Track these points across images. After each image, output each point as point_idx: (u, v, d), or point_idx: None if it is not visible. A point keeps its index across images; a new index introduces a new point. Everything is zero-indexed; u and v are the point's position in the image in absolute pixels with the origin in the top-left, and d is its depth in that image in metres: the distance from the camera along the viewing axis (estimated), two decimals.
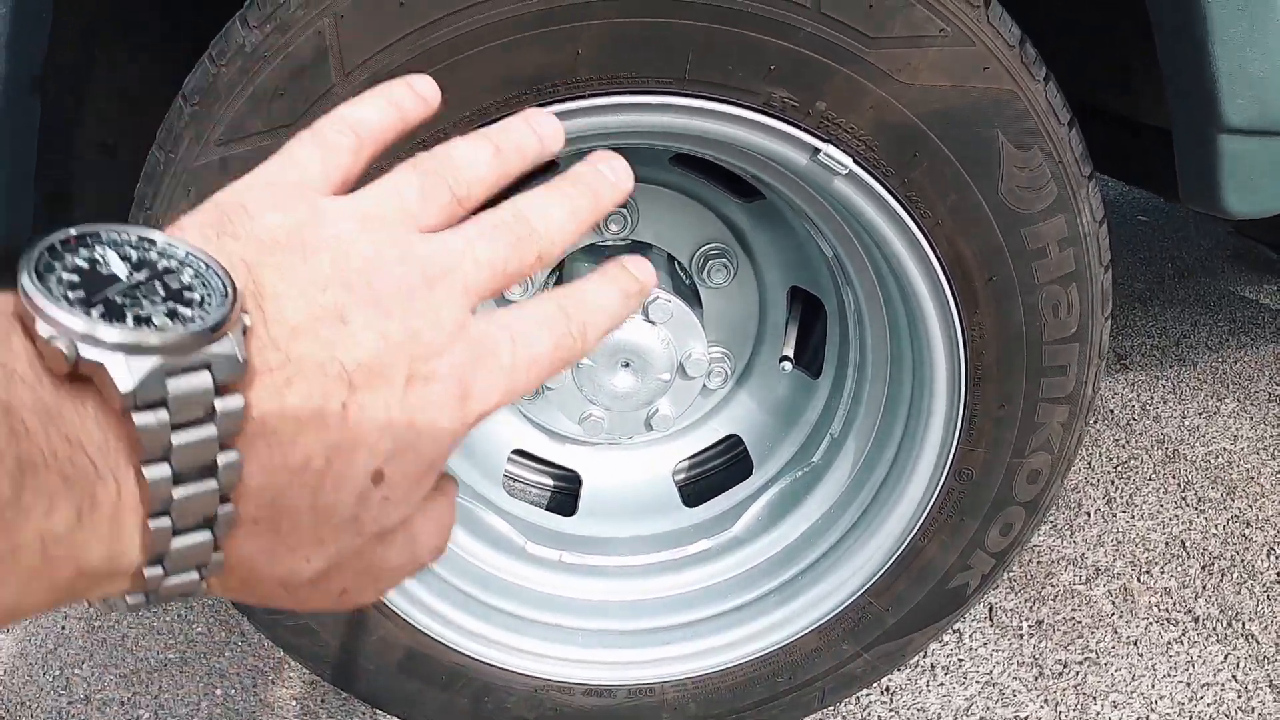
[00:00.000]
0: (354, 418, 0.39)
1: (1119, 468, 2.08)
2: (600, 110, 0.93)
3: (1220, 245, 3.22)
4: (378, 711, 1.51)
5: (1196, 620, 1.70)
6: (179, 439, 0.35)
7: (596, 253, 1.29)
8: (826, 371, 1.36)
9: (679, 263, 1.32)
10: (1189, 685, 1.57)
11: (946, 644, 1.64)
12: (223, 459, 0.36)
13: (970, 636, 1.65)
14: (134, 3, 1.21)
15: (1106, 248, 1.12)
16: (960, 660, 1.61)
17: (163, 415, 0.34)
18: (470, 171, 0.46)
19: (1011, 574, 1.80)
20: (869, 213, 1.02)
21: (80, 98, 1.22)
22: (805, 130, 0.96)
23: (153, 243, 0.38)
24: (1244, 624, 1.68)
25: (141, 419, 0.34)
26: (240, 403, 0.36)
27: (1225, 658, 1.62)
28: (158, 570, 0.36)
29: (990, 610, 1.70)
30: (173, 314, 0.35)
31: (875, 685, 1.53)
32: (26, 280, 0.34)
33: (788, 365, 1.34)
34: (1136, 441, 2.17)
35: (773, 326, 1.38)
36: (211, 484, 0.36)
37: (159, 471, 0.35)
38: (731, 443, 1.46)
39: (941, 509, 1.19)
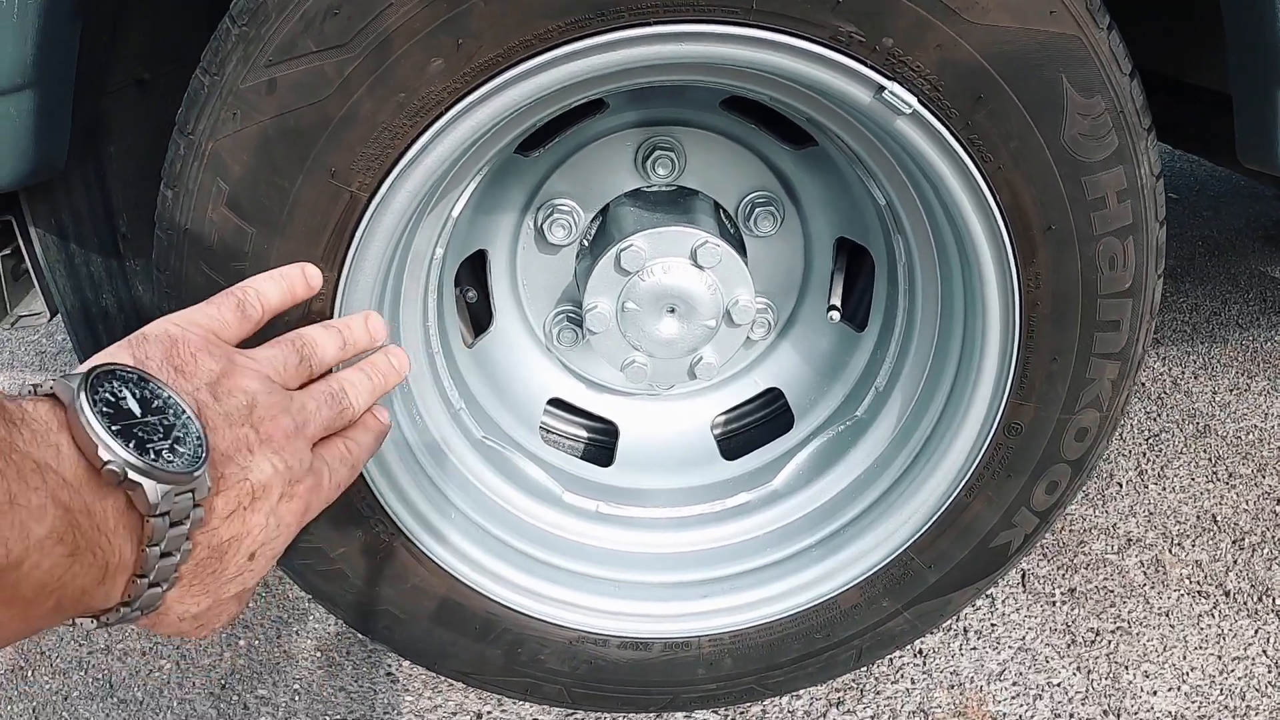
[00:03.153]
0: (250, 519, 0.64)
1: (1150, 440, 2.06)
2: (664, 39, 0.90)
3: (1251, 225, 3.18)
4: (403, 662, 1.50)
5: (1227, 594, 1.68)
6: (171, 533, 0.58)
7: (642, 196, 1.27)
8: (872, 324, 1.34)
9: (725, 210, 1.30)
10: (1220, 658, 1.55)
11: (979, 608, 1.62)
12: (184, 546, 0.60)
13: (1003, 601, 1.64)
14: None
15: (1163, 203, 1.09)
16: (993, 625, 1.60)
17: (165, 520, 0.57)
18: (324, 355, 0.77)
19: (1044, 541, 1.78)
20: (930, 155, 1.00)
21: (116, 32, 1.19)
22: (871, 67, 0.93)
23: (146, 381, 0.60)
24: (1274, 600, 1.67)
25: (156, 523, 0.57)
26: (203, 513, 0.60)
27: (1255, 633, 1.60)
28: (127, 609, 0.59)
29: (1023, 576, 1.69)
30: (172, 449, 0.58)
31: (908, 647, 1.52)
32: (87, 411, 0.55)
33: (836, 315, 1.31)
34: (1168, 415, 2.15)
35: (818, 278, 1.36)
36: (175, 559, 0.59)
37: (154, 552, 0.57)
38: (772, 395, 1.44)
39: (988, 465, 1.17)
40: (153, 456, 0.56)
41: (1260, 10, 1.01)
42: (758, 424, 1.46)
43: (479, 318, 1.38)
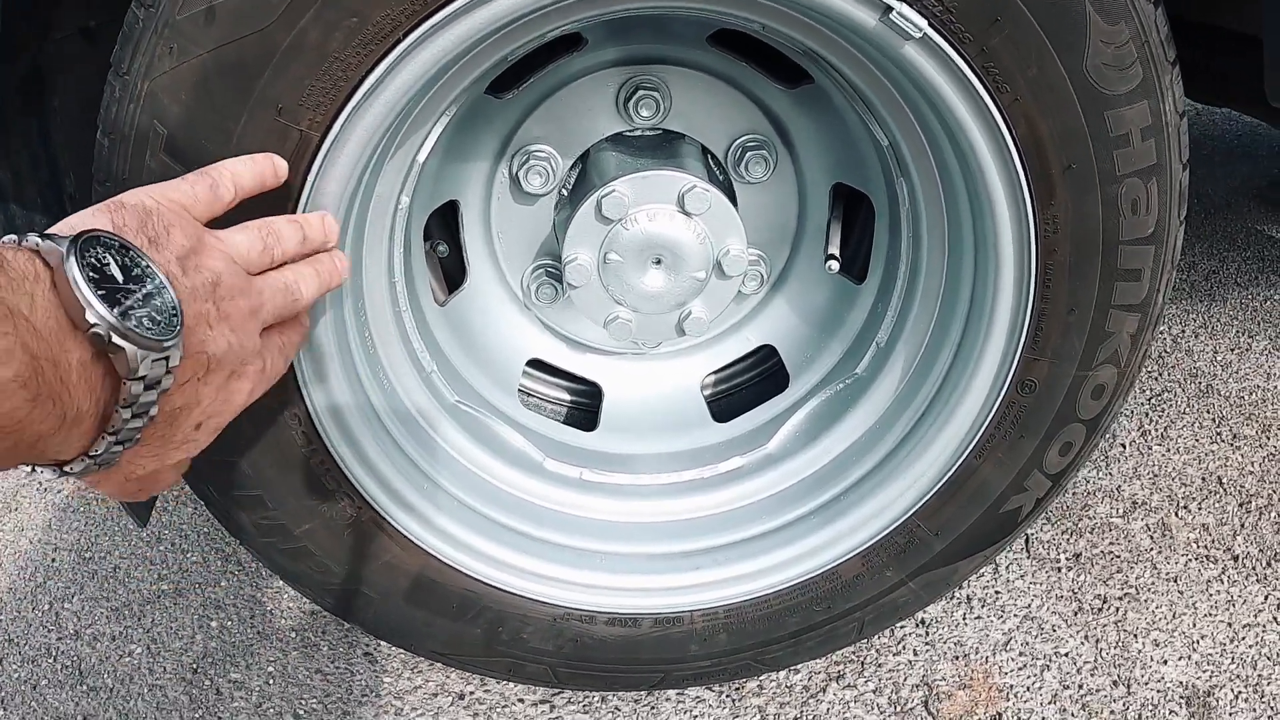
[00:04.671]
0: (201, 390, 0.69)
1: (1153, 399, 2.00)
2: None
3: (1246, 183, 3.12)
4: (382, 642, 1.43)
5: (1236, 559, 1.63)
6: (143, 397, 0.62)
7: (624, 141, 1.18)
8: (872, 275, 1.26)
9: (713, 155, 1.21)
10: (1230, 625, 1.50)
11: (983, 575, 1.56)
12: (151, 410, 0.64)
13: (1007, 568, 1.58)
14: None
15: (1186, 143, 1.02)
16: (997, 593, 1.54)
17: (141, 384, 0.61)
18: (285, 246, 0.79)
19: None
20: (940, 86, 0.92)
21: None
22: None
23: (127, 250, 0.63)
24: None
25: (132, 385, 0.61)
26: (172, 380, 0.65)
27: (1265, 598, 1.55)
28: (89, 461, 0.63)
29: (1027, 541, 1.63)
30: (150, 317, 0.61)
31: (910, 617, 1.46)
32: (77, 274, 0.58)
33: (834, 266, 1.23)
34: (1169, 375, 2.09)
35: (813, 227, 1.28)
36: (142, 422, 0.64)
37: (126, 413, 0.62)
38: (765, 353, 1.36)
39: (1000, 425, 1.10)
40: (134, 322, 0.60)
41: None
42: (750, 384, 1.39)
43: (451, 273, 1.29)
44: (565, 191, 1.21)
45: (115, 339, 0.58)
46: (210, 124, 0.85)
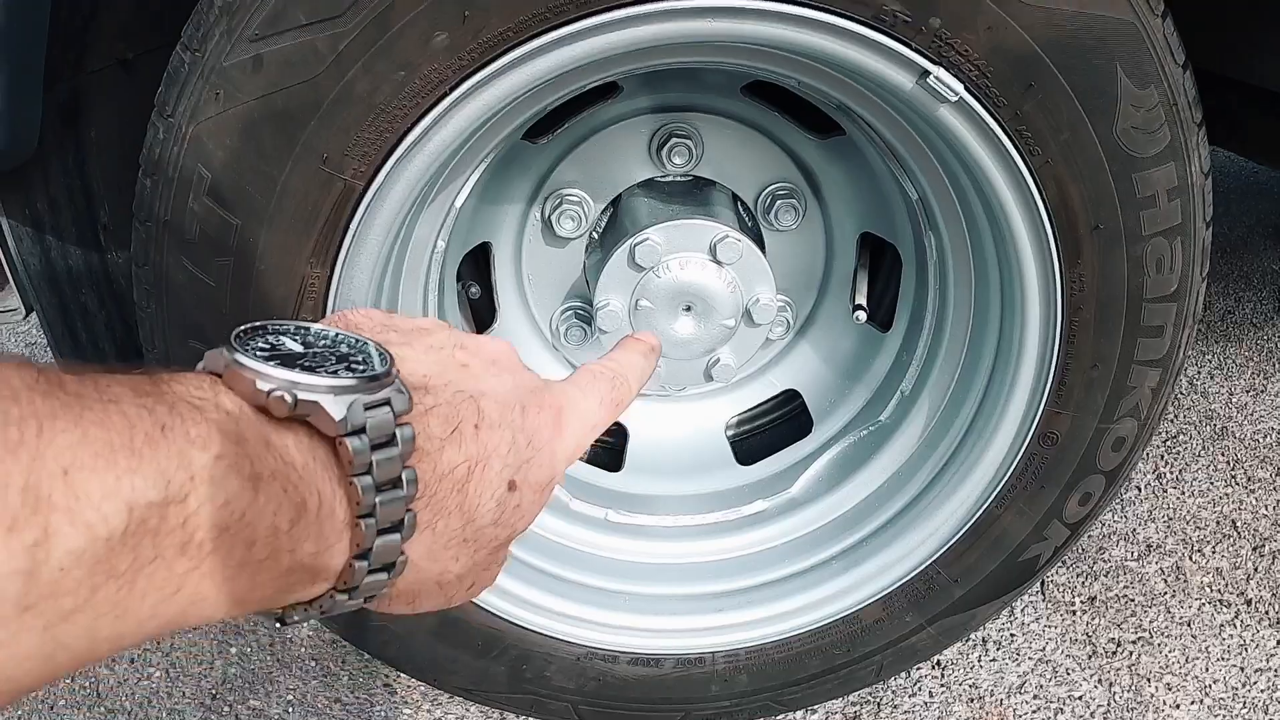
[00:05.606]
0: (485, 435, 0.51)
1: (1168, 442, 2.01)
2: (691, 14, 0.83)
3: (1261, 222, 3.13)
4: (400, 674, 1.44)
5: (1249, 603, 1.63)
6: (377, 456, 0.45)
7: (655, 187, 1.20)
8: (898, 324, 1.27)
9: (743, 202, 1.23)
10: (1242, 670, 1.50)
11: (998, 618, 1.57)
12: (405, 474, 0.46)
13: (1022, 611, 1.58)
14: None
15: (1210, 202, 1.04)
16: (1012, 635, 1.54)
17: (364, 439, 0.45)
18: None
19: None
20: (973, 147, 0.93)
21: (97, 5, 1.11)
22: (916, 49, 0.87)
23: (307, 329, 0.50)
24: None
25: (351, 442, 0.45)
26: (412, 430, 0.47)
27: (1278, 643, 1.55)
28: (363, 564, 0.45)
29: (1042, 584, 1.63)
30: (349, 369, 0.47)
31: (927, 660, 1.47)
32: (239, 355, 0.45)
33: (862, 315, 1.24)
34: (1185, 416, 2.10)
35: (839, 275, 1.29)
36: (401, 493, 0.46)
37: (365, 481, 0.45)
38: (789, 397, 1.37)
39: (1022, 475, 1.11)
40: (324, 375, 0.46)
41: None
42: (774, 427, 1.40)
43: (482, 315, 1.31)
44: (596, 235, 1.22)
45: (302, 395, 0.44)
46: (255, 170, 0.86)
